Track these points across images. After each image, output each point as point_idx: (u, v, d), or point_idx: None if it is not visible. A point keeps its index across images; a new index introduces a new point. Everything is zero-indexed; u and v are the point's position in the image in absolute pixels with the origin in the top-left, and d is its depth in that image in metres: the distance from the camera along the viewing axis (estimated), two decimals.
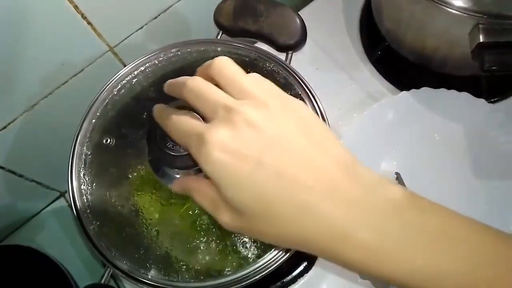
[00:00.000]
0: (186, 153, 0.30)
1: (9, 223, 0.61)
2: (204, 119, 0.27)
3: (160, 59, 0.39)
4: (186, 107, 0.29)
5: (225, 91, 0.26)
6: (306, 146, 0.24)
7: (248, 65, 0.39)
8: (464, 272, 0.22)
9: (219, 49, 0.39)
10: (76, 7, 0.44)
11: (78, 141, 0.36)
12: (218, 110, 0.25)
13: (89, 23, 0.46)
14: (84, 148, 0.36)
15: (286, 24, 0.41)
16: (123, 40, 0.52)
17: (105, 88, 0.38)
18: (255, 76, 0.27)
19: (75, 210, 0.34)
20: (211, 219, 0.34)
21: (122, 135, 0.36)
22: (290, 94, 0.37)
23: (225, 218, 0.26)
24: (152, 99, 0.37)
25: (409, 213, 0.23)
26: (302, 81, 0.38)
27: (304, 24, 0.41)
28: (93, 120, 0.37)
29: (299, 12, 0.42)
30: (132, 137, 0.36)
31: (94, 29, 0.48)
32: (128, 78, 0.38)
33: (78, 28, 0.46)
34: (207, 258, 0.34)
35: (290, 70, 0.38)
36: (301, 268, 0.47)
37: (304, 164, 0.24)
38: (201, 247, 0.34)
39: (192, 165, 0.30)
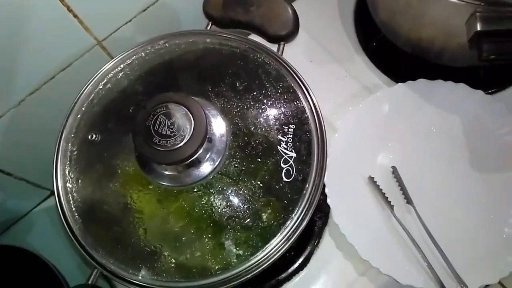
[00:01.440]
0: (173, 148, 0.29)
1: None
2: None
3: (147, 51, 0.38)
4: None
5: None
6: None
7: (239, 57, 0.37)
8: None
9: (208, 40, 0.38)
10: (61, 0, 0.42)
11: (63, 137, 0.35)
12: None
13: (75, 16, 0.45)
14: (69, 144, 0.35)
15: (278, 14, 0.40)
16: (111, 34, 0.51)
17: (90, 82, 0.37)
18: None
19: (60, 209, 0.33)
20: (201, 217, 0.33)
21: (108, 130, 0.35)
22: (282, 86, 0.36)
23: None
24: (139, 93, 0.36)
25: None
26: (295, 72, 0.37)
27: (297, 14, 0.40)
28: (78, 116, 0.36)
29: (293, 3, 0.40)
30: (118, 133, 0.35)
31: (81, 22, 0.46)
32: (114, 72, 0.37)
33: (64, 21, 0.45)
34: (197, 257, 0.33)
35: (282, 61, 0.37)
36: (296, 265, 0.47)
37: None
38: (191, 246, 0.33)
39: (179, 160, 0.29)
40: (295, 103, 0.36)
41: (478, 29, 0.41)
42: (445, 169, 0.51)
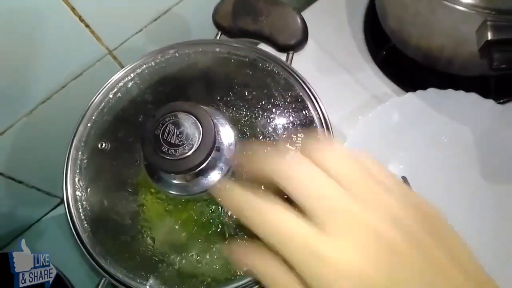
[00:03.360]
0: (182, 157, 0.29)
1: (10, 230, 0.60)
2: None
3: (157, 61, 0.38)
4: None
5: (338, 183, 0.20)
6: (442, 258, 0.20)
7: (248, 66, 0.38)
8: None
9: (217, 49, 0.38)
10: (73, 9, 0.43)
11: (73, 146, 0.35)
12: (336, 215, 0.19)
13: (87, 25, 0.46)
14: (79, 153, 0.35)
15: (287, 23, 0.40)
16: (122, 43, 0.51)
17: (100, 91, 0.37)
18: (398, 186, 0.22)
19: (69, 217, 0.33)
20: (210, 226, 0.33)
21: (118, 139, 0.36)
22: (291, 95, 0.36)
23: None
24: (148, 102, 0.36)
25: None
26: (303, 82, 0.37)
27: (305, 24, 0.40)
28: (89, 124, 0.36)
29: (301, 13, 0.40)
30: (128, 141, 0.35)
31: (93, 32, 0.47)
32: (124, 81, 0.37)
33: (76, 31, 0.46)
34: (205, 266, 0.32)
35: (290, 70, 0.37)
36: None
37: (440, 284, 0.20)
38: (200, 255, 0.33)
39: (188, 169, 0.29)
40: (304, 112, 0.36)
41: (489, 38, 0.41)
42: (455, 178, 0.51)
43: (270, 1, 0.40)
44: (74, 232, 0.33)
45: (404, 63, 0.57)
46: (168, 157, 0.29)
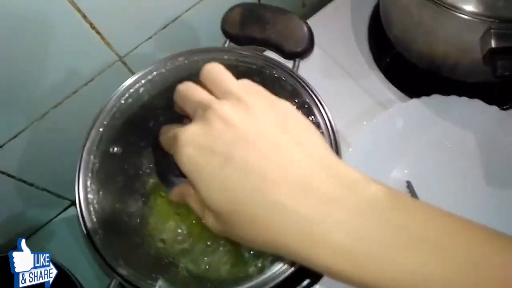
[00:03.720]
0: None
1: (21, 232, 0.61)
2: None
3: (167, 67, 0.39)
4: None
5: (212, 94, 0.26)
6: (284, 144, 0.23)
7: (255, 73, 0.38)
8: (451, 276, 0.20)
9: (225, 57, 0.39)
10: (84, 16, 0.44)
11: (85, 149, 0.36)
12: (197, 109, 0.25)
13: (97, 32, 0.47)
14: (92, 156, 0.36)
15: (293, 31, 0.41)
16: (132, 50, 0.52)
17: (112, 97, 0.38)
18: (243, 80, 0.26)
19: (82, 219, 0.34)
20: None
21: (129, 143, 0.36)
22: (297, 102, 0.37)
23: (210, 221, 0.25)
24: (159, 108, 0.37)
25: (390, 213, 0.21)
26: (310, 88, 0.37)
27: (311, 32, 0.41)
28: (100, 129, 0.37)
29: (307, 21, 0.41)
30: (139, 146, 0.36)
31: (103, 39, 0.48)
32: (135, 87, 0.38)
33: (87, 37, 0.47)
34: (215, 268, 0.33)
35: (297, 77, 0.38)
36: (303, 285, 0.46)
37: (278, 162, 0.22)
38: (210, 257, 0.34)
39: None
40: (310, 118, 0.36)
41: (493, 46, 0.41)
42: (459, 184, 0.51)
43: (277, 10, 0.41)
44: (85, 234, 0.33)
45: (408, 70, 0.57)
46: None
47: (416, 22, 0.50)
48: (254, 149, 0.23)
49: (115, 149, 0.36)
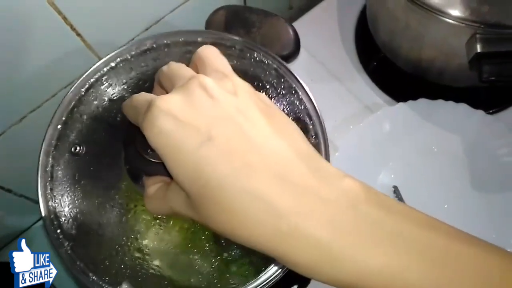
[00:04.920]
0: None
1: None
2: None
3: (133, 53, 0.36)
4: None
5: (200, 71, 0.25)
6: (268, 131, 0.22)
7: (234, 56, 0.36)
8: (427, 270, 0.20)
9: (199, 39, 0.36)
10: (65, 18, 0.43)
11: (42, 151, 0.32)
12: (180, 81, 0.24)
13: (78, 34, 0.46)
14: (50, 158, 0.32)
15: (279, 34, 0.40)
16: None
17: (70, 89, 0.34)
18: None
19: (46, 230, 0.31)
20: (202, 232, 0.32)
21: (94, 141, 0.33)
22: (283, 86, 0.36)
23: (181, 204, 0.23)
24: (125, 98, 0.35)
25: (365, 207, 0.21)
26: (293, 74, 0.36)
27: (297, 35, 0.40)
28: (59, 126, 0.33)
29: (294, 23, 0.41)
30: (105, 143, 0.33)
31: (84, 41, 0.47)
32: (97, 76, 0.34)
33: (67, 40, 0.45)
34: (199, 278, 0.32)
35: (278, 60, 0.36)
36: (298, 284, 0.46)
37: (261, 147, 0.21)
38: (192, 266, 0.32)
39: None
40: (296, 102, 0.36)
41: (478, 50, 0.41)
42: (446, 188, 0.51)
43: (263, 12, 0.41)
44: (52, 247, 0.31)
45: (395, 74, 0.57)
46: (153, 160, 0.26)
47: (403, 27, 0.49)
48: (237, 128, 0.21)
49: (78, 148, 0.33)
